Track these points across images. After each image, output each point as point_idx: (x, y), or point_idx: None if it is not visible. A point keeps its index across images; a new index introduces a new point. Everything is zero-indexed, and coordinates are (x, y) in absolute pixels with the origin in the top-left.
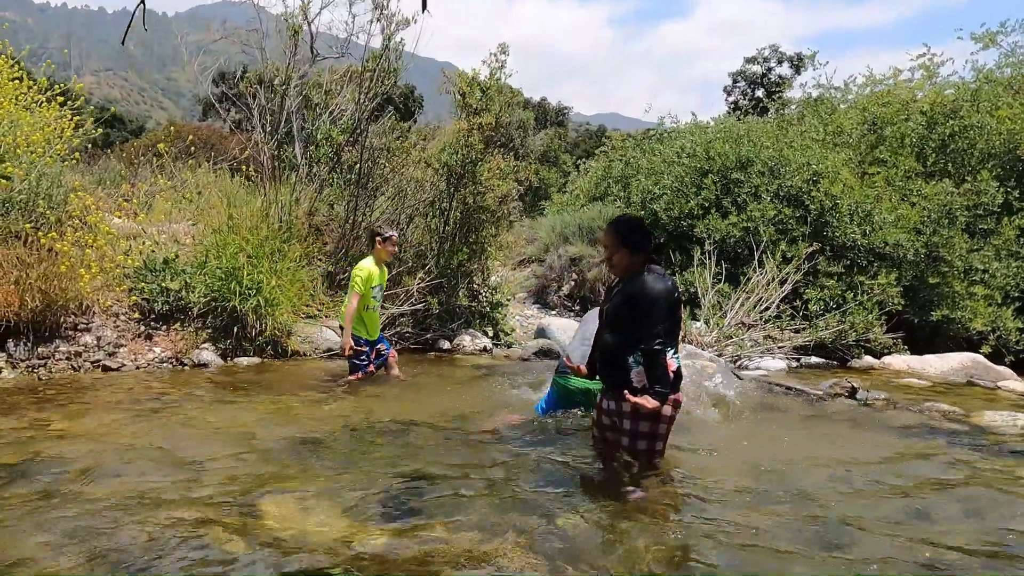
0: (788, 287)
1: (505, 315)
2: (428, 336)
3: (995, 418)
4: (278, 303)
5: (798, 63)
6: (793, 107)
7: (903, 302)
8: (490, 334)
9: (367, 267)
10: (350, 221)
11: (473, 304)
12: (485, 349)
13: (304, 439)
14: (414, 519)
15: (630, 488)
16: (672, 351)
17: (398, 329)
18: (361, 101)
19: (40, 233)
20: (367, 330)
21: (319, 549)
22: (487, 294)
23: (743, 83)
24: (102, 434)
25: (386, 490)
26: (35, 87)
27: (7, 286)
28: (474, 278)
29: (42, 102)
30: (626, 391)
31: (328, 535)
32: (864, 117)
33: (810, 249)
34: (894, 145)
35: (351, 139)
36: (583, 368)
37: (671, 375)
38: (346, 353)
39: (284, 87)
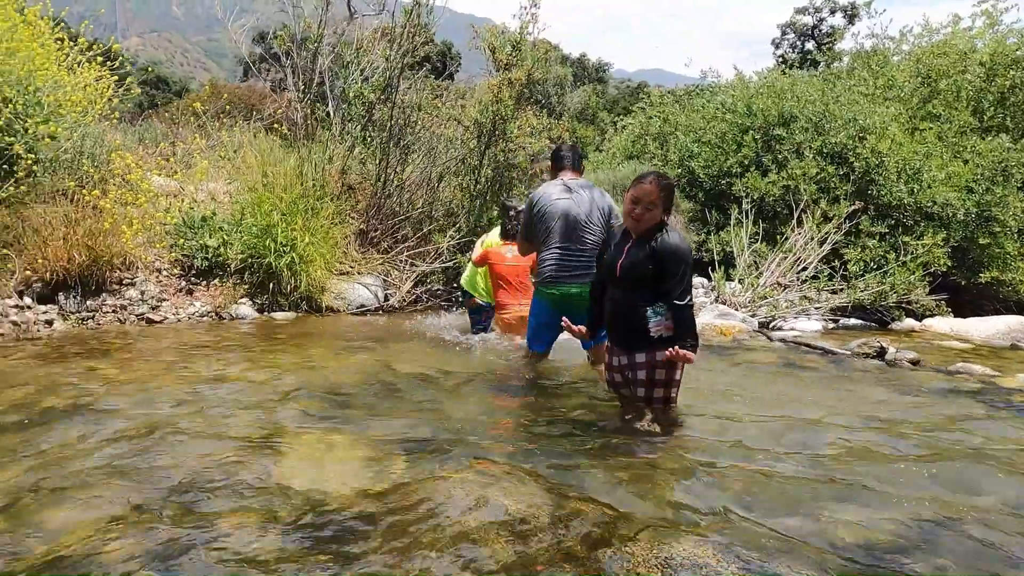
0: (828, 247)
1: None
2: (458, 293)
3: None
4: (312, 260)
5: (852, 12)
6: (844, 60)
7: (950, 263)
8: None
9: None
10: (382, 179)
11: None
12: None
13: (334, 388)
14: (431, 463)
15: (646, 435)
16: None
17: (429, 286)
18: (392, 58)
19: (84, 191)
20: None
21: (340, 490)
22: None
23: (792, 35)
24: (146, 381)
25: (408, 436)
26: (76, 48)
27: (56, 242)
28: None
29: (83, 63)
30: (668, 350)
31: (346, 477)
32: (918, 69)
33: (852, 208)
34: (949, 99)
35: (383, 97)
36: (583, 329)
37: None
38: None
39: (316, 45)
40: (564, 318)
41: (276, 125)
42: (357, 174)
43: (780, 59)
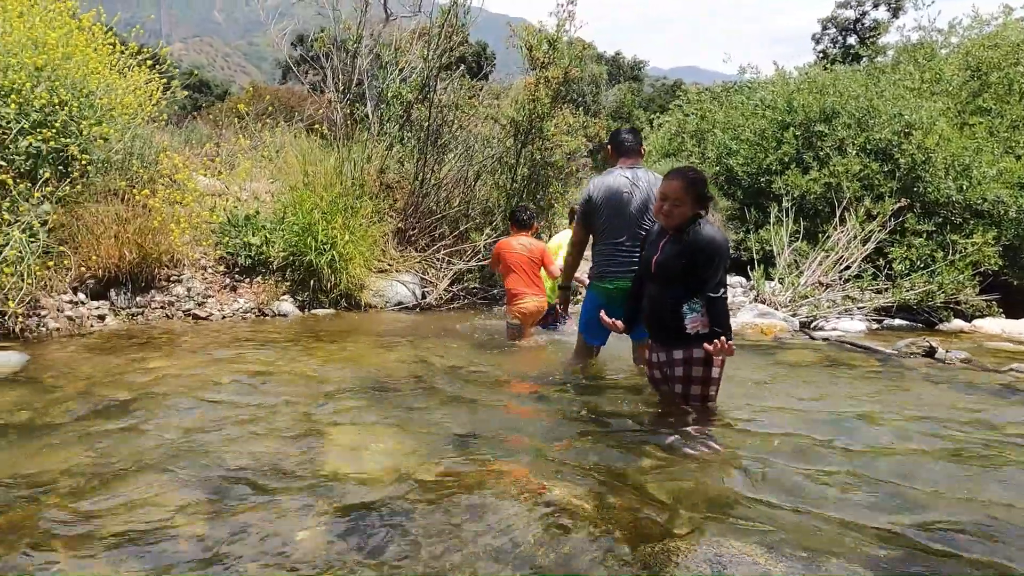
0: (872, 246)
1: None
2: (495, 291)
3: None
4: (351, 258)
5: (896, 5)
6: (888, 54)
7: (1001, 262)
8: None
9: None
10: (419, 178)
11: None
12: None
13: (374, 383)
14: (474, 456)
15: (685, 431)
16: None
17: (466, 284)
18: (429, 58)
19: (135, 191)
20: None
21: (381, 480)
22: None
23: (833, 30)
24: (192, 373)
25: (450, 429)
26: (127, 52)
27: (108, 240)
28: (541, 235)
29: (133, 66)
30: (705, 344)
31: (390, 467)
32: (967, 62)
33: (897, 206)
34: (1000, 92)
35: (420, 97)
36: (619, 323)
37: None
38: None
39: (355, 46)
40: (602, 312)
41: (316, 125)
42: (395, 173)
43: (821, 54)
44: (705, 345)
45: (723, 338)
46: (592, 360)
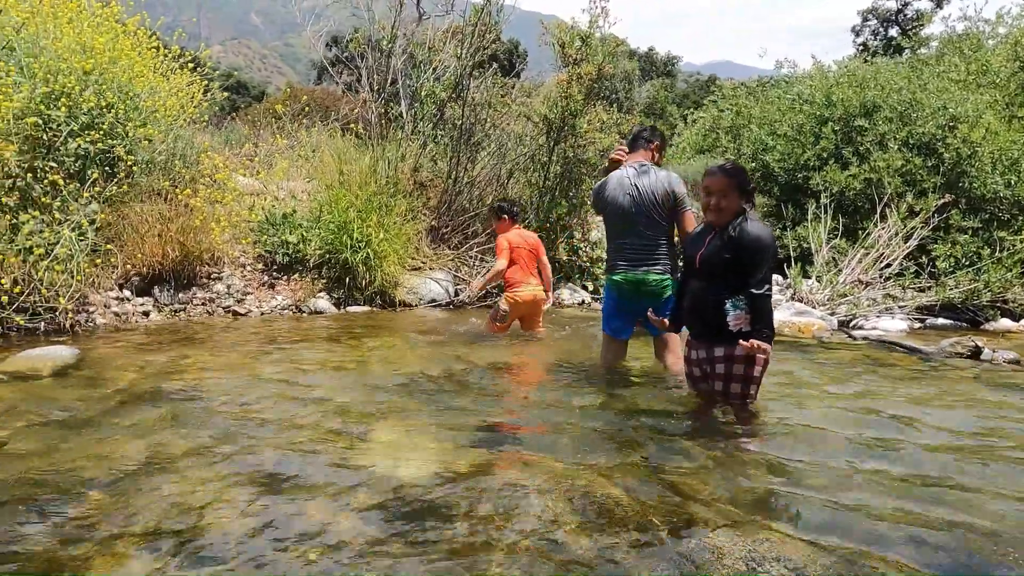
0: (914, 243)
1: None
2: None
3: None
4: (386, 255)
5: None
6: (932, 45)
7: None
8: (589, 288)
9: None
10: (452, 176)
11: (572, 259)
12: (583, 303)
13: (410, 378)
14: (509, 451)
15: (725, 430)
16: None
17: (499, 282)
18: (463, 57)
19: (177, 190)
20: None
21: (420, 473)
22: (587, 249)
23: (874, 21)
24: (233, 368)
25: (486, 424)
26: (169, 56)
27: (152, 239)
28: (574, 233)
29: (175, 69)
30: (741, 340)
31: (428, 460)
32: (1016, 53)
33: (941, 201)
34: None
35: (453, 95)
36: (665, 321)
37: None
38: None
39: (389, 46)
40: (649, 311)
41: (351, 125)
42: (428, 172)
43: (861, 47)
44: (741, 341)
45: (754, 340)
46: (621, 355)
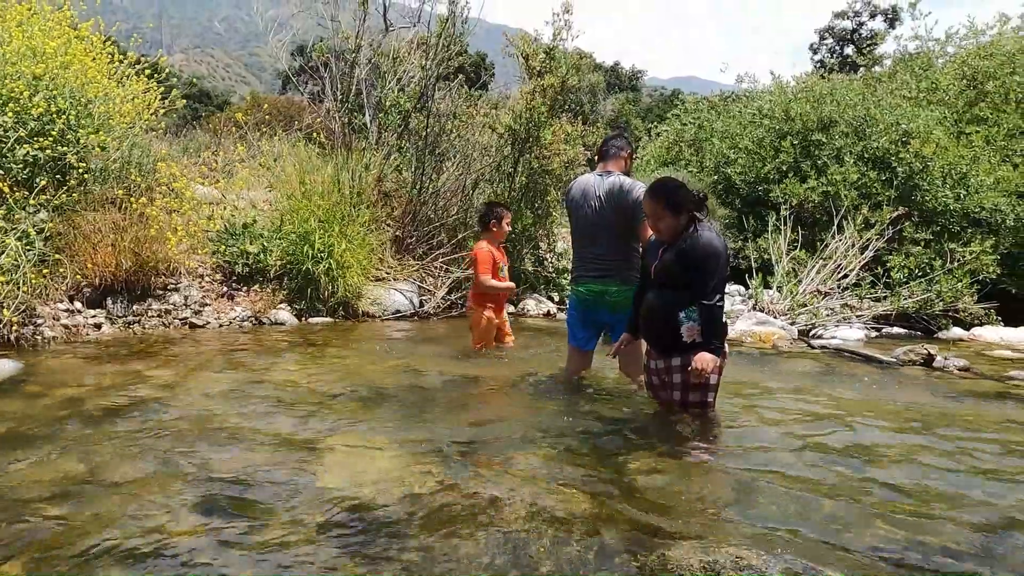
0: (870, 254)
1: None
2: None
3: None
4: (348, 266)
5: (893, 16)
6: (885, 63)
7: (999, 271)
8: (555, 299)
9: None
10: (417, 187)
11: (538, 270)
12: (548, 314)
13: (373, 391)
14: (469, 465)
15: (685, 439)
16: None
17: (463, 292)
18: (428, 67)
19: (132, 199)
20: None
21: (377, 489)
22: (552, 260)
23: (831, 40)
24: (188, 382)
25: (446, 438)
26: (125, 62)
27: (104, 248)
28: (540, 244)
29: (131, 75)
30: (692, 358)
31: (385, 476)
32: (963, 71)
33: (895, 214)
34: (996, 101)
35: (418, 106)
36: (623, 347)
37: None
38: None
39: (354, 56)
40: (622, 339)
41: (315, 135)
42: (393, 182)
43: (819, 64)
44: (691, 360)
45: (697, 363)
46: (586, 366)
